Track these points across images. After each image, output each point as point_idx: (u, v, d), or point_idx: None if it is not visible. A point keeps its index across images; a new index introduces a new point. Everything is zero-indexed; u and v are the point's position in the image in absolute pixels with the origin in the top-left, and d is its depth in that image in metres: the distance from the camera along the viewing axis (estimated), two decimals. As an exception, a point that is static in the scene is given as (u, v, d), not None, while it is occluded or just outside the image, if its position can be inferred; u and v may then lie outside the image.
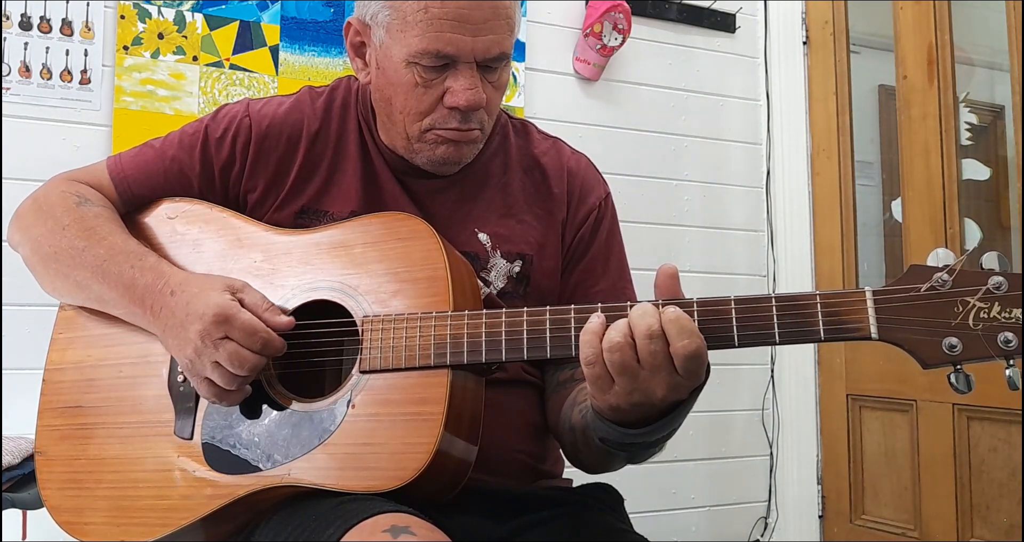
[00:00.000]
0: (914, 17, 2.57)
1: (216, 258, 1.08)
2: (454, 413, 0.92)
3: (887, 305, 0.82)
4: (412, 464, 0.89)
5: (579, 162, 1.21)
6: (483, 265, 1.11)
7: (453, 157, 1.08)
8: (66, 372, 1.10)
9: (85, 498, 1.04)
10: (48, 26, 2.14)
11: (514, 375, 1.11)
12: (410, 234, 1.00)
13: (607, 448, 0.94)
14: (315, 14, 2.41)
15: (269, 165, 1.12)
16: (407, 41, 1.00)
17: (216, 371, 0.95)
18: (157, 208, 1.14)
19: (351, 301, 1.00)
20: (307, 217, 1.11)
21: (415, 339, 0.94)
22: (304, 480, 0.93)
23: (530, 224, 1.14)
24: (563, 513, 1.04)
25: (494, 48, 1.01)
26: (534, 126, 1.24)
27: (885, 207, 2.81)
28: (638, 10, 2.73)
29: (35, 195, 1.14)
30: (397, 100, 1.05)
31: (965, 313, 0.80)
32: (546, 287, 1.14)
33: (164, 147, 1.15)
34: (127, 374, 1.04)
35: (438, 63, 1.01)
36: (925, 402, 2.47)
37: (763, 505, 2.89)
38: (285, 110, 1.14)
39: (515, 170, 1.17)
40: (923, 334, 0.81)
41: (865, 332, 0.82)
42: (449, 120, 1.04)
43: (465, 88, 1.01)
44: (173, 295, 0.98)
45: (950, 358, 0.80)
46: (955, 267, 0.81)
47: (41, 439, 1.08)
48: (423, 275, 0.98)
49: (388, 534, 0.80)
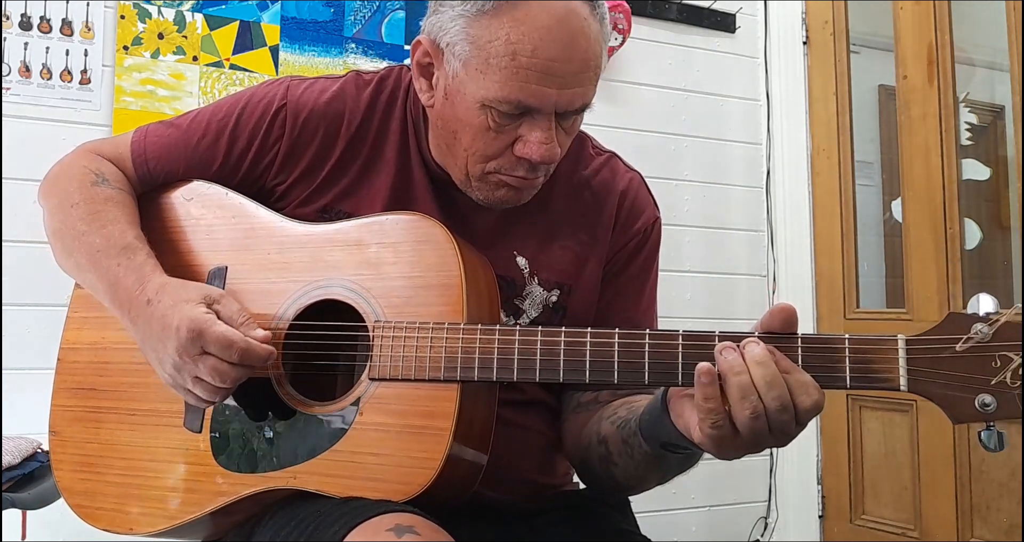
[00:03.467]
0: (914, 17, 2.57)
1: (229, 247, 1.06)
2: (462, 428, 0.90)
3: (920, 357, 0.77)
4: (418, 479, 0.89)
5: (631, 183, 1.14)
6: (518, 292, 1.06)
7: (512, 200, 1.02)
8: (81, 352, 1.09)
9: (96, 482, 1.04)
10: (48, 26, 2.14)
11: (533, 396, 1.08)
12: (426, 237, 0.97)
13: (662, 452, 0.90)
14: (315, 14, 2.41)
15: (303, 159, 1.07)
16: (486, 84, 0.93)
17: (198, 385, 0.93)
18: (174, 189, 1.12)
19: (363, 303, 0.98)
20: (329, 216, 1.07)
21: (426, 350, 0.92)
22: (309, 485, 0.93)
23: (573, 251, 1.09)
24: (569, 515, 1.04)
25: (578, 101, 0.95)
26: (591, 139, 1.16)
27: (885, 207, 2.82)
28: (638, 10, 2.73)
29: (61, 162, 1.12)
30: (463, 137, 0.98)
31: (1003, 369, 0.75)
32: (583, 321, 1.07)
33: (191, 129, 1.10)
34: (140, 359, 1.02)
35: (516, 111, 0.94)
36: (925, 402, 2.46)
37: (763, 505, 2.89)
38: (327, 99, 1.07)
39: (562, 191, 1.11)
40: (956, 390, 0.76)
41: (894, 384, 0.78)
42: (516, 168, 0.98)
43: (540, 142, 0.95)
44: (149, 304, 0.95)
45: (983, 416, 0.76)
46: (997, 319, 0.75)
47: (55, 418, 1.08)
48: (437, 282, 0.95)
49: (392, 533, 0.79)
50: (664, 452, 0.90)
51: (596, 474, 1.02)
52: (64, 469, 1.06)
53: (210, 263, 1.06)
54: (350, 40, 2.45)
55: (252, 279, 1.04)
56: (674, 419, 0.84)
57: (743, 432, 0.78)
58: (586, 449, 1.02)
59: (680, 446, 0.87)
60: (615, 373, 0.86)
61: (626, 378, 0.85)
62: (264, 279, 1.03)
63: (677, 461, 0.93)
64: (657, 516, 2.69)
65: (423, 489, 0.88)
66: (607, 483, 1.02)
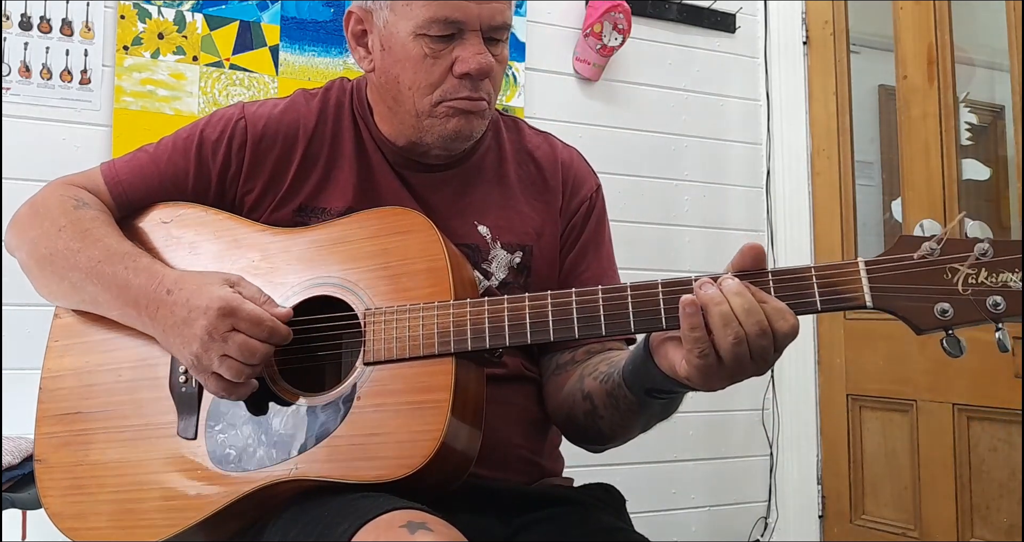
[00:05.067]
0: (914, 17, 2.57)
1: (213, 260, 1.08)
2: (460, 399, 0.92)
3: (880, 274, 0.84)
4: (420, 451, 0.89)
5: (571, 155, 1.24)
6: (484, 257, 1.12)
7: (464, 130, 1.08)
8: (64, 379, 1.09)
9: (88, 503, 1.03)
10: (48, 26, 2.14)
11: (514, 371, 1.12)
12: (408, 227, 1.01)
13: (647, 399, 0.96)
14: (315, 14, 2.41)
15: (266, 166, 1.13)
16: (414, 13, 1.03)
17: (224, 364, 0.95)
18: (151, 213, 1.14)
19: (352, 296, 1.00)
20: (305, 214, 1.11)
21: (418, 329, 0.95)
22: (311, 473, 0.93)
23: (528, 215, 1.16)
24: (565, 512, 1.04)
25: (498, 16, 1.04)
26: (524, 122, 1.26)
27: (885, 207, 2.82)
28: (638, 10, 2.73)
29: (32, 200, 1.15)
30: (405, 77, 1.06)
31: (955, 279, 0.83)
32: (547, 276, 1.15)
33: (158, 152, 1.15)
34: (127, 378, 1.04)
35: (446, 31, 1.03)
36: (925, 402, 2.47)
37: (763, 505, 2.89)
38: (280, 111, 1.15)
39: (510, 163, 1.19)
40: (916, 301, 0.83)
41: (860, 301, 0.84)
42: (460, 89, 1.05)
43: (474, 54, 1.03)
44: (170, 293, 0.98)
45: (942, 323, 0.83)
46: (943, 236, 0.84)
47: (41, 447, 1.08)
48: (423, 267, 0.98)
49: (405, 530, 0.79)
50: (648, 399, 0.97)
51: (582, 428, 1.08)
52: (52, 495, 1.06)
53: None
54: (350, 40, 2.45)
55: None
56: (658, 361, 0.91)
57: (726, 359, 0.84)
58: (571, 406, 1.08)
59: (663, 390, 0.94)
60: (602, 326, 0.91)
61: (613, 330, 0.91)
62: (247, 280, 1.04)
63: (660, 406, 1.00)
64: (657, 516, 2.69)
65: (426, 460, 0.89)
66: (593, 436, 1.08)
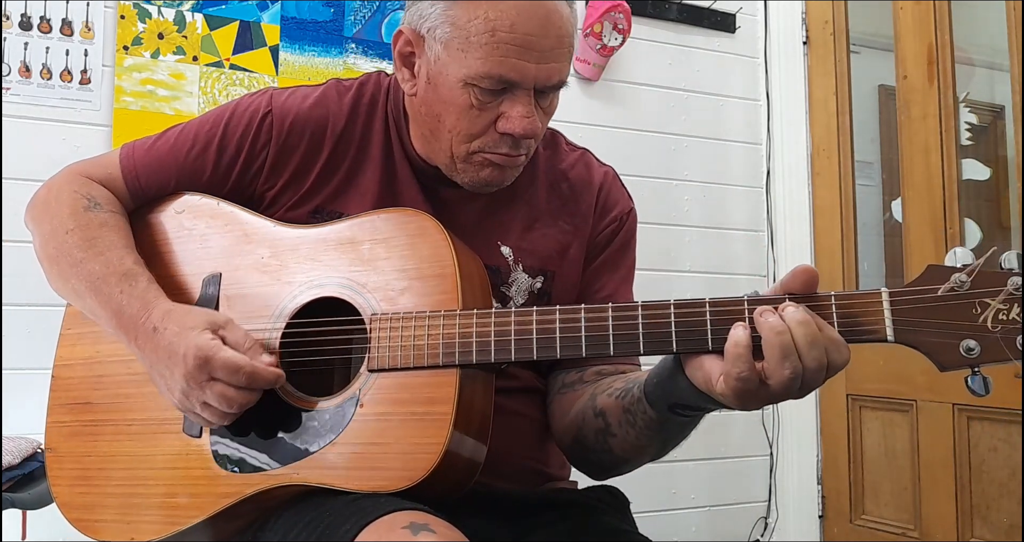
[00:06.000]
0: (914, 17, 2.57)
1: (223, 254, 1.07)
2: (463, 412, 0.91)
3: (904, 307, 0.79)
4: (422, 464, 0.89)
5: (606, 176, 1.20)
6: (504, 280, 1.09)
7: (496, 180, 1.05)
8: (75, 368, 1.09)
9: (96, 495, 1.04)
10: (48, 26, 2.14)
11: (527, 383, 1.10)
12: (418, 231, 0.99)
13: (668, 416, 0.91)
14: (315, 14, 2.41)
15: (290, 164, 1.10)
16: (468, 62, 0.97)
17: (206, 410, 0.94)
18: (165, 203, 1.13)
19: (359, 298, 0.99)
20: (321, 217, 1.09)
21: (423, 338, 0.94)
22: (312, 479, 0.93)
23: (555, 238, 1.13)
24: (569, 514, 1.04)
25: (555, 76, 1.00)
26: (563, 136, 1.21)
27: (885, 207, 2.81)
28: (638, 10, 2.73)
29: (49, 184, 1.13)
30: (447, 119, 1.02)
31: (984, 315, 0.77)
32: (568, 304, 1.11)
33: (179, 142, 1.12)
34: (136, 370, 1.03)
35: (497, 86, 0.98)
36: (925, 402, 2.47)
37: (763, 505, 2.89)
38: (310, 105, 1.10)
39: (542, 183, 1.15)
40: (941, 336, 0.78)
41: (881, 334, 0.80)
42: (500, 145, 1.02)
43: (522, 116, 0.99)
44: (156, 332, 0.96)
45: (968, 361, 0.78)
46: (974, 268, 0.79)
47: (51, 435, 1.08)
48: (431, 273, 0.97)
49: (407, 531, 0.79)
50: (670, 415, 0.92)
51: (591, 450, 1.03)
52: (62, 485, 1.06)
53: (205, 271, 1.07)
54: (350, 40, 2.45)
55: (247, 283, 1.05)
56: (690, 373, 0.85)
57: (774, 387, 0.79)
58: (580, 426, 1.03)
59: (689, 406, 0.89)
60: (610, 346, 0.88)
61: (621, 350, 0.88)
62: (259, 282, 1.04)
63: (679, 426, 0.95)
64: (657, 516, 2.69)
65: (427, 474, 0.88)
66: (602, 457, 1.03)
